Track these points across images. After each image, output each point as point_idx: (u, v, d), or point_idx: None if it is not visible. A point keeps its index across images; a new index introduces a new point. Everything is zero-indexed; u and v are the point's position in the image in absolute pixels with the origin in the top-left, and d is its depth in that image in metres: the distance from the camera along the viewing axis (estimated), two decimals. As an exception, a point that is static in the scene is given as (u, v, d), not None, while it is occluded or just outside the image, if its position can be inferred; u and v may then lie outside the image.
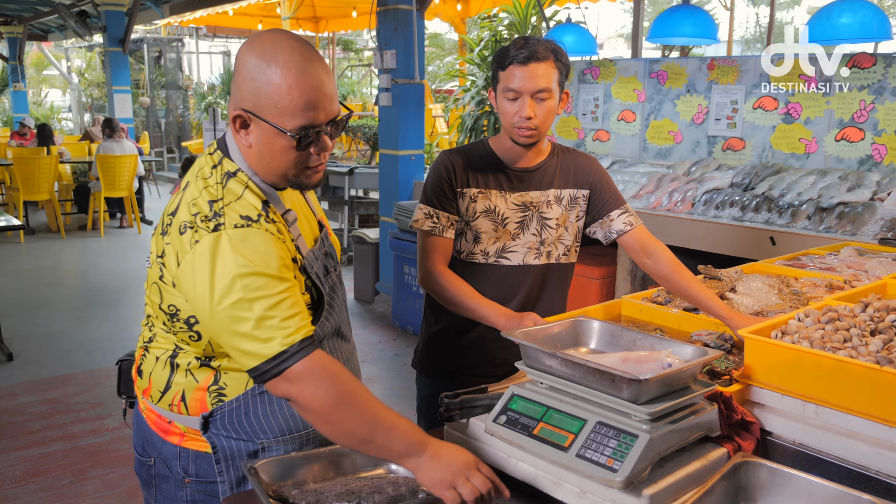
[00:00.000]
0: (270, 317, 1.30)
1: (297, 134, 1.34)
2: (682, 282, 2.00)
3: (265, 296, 1.30)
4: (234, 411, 1.48)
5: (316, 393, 1.30)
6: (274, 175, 1.42)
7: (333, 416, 1.31)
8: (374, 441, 1.32)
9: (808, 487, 1.30)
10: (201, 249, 1.32)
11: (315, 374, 1.31)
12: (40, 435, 3.92)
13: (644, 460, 1.25)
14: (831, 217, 3.64)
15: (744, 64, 4.55)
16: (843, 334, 1.51)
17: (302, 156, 1.38)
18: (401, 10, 5.63)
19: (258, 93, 1.33)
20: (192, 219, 1.35)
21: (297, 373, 1.30)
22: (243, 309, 1.29)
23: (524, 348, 1.49)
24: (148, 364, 1.54)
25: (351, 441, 1.34)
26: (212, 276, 1.30)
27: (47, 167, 9.11)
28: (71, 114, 21.43)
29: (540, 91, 1.94)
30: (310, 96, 1.33)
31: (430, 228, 2.06)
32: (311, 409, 1.32)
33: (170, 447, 1.54)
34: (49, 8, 12.44)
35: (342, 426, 1.32)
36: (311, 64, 1.33)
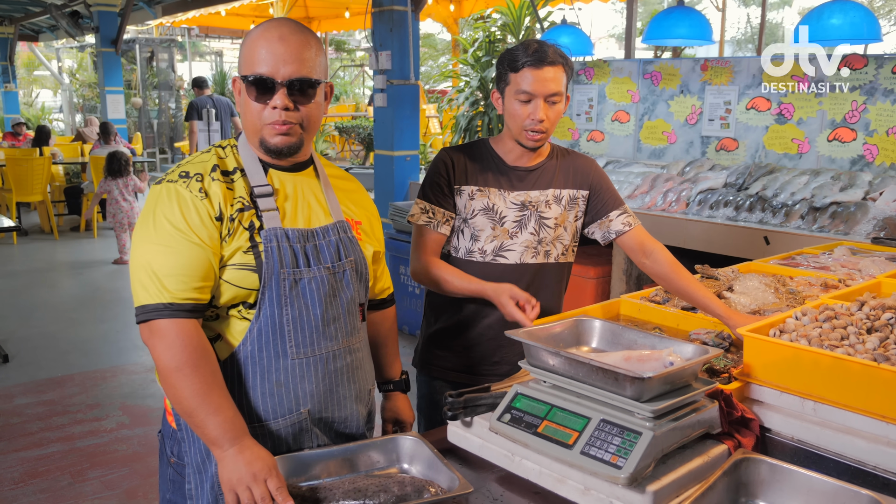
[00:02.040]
0: (158, 269, 1.43)
1: (249, 79, 1.49)
2: (680, 281, 2.03)
3: (161, 246, 1.44)
4: None
5: (164, 353, 1.41)
6: (251, 136, 1.57)
7: (169, 379, 1.41)
8: (194, 417, 1.41)
9: (807, 483, 1.32)
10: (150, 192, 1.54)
11: (170, 335, 1.41)
12: (38, 436, 3.92)
13: (648, 457, 1.27)
14: (824, 217, 3.68)
15: (737, 65, 4.59)
16: (841, 332, 1.54)
17: (259, 109, 1.51)
18: (396, 11, 5.65)
19: (239, 57, 1.56)
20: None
21: (158, 328, 1.41)
22: (142, 254, 1.45)
23: (528, 347, 1.51)
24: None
25: (179, 409, 1.44)
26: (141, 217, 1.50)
27: (40, 168, 9.08)
28: (62, 114, 21.33)
29: (553, 94, 1.98)
30: (267, 49, 1.49)
31: (425, 223, 2.09)
32: (157, 366, 1.44)
33: (166, 425, 1.63)
34: (40, 8, 12.40)
35: (174, 392, 1.42)
36: (280, 26, 1.52)
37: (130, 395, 4.48)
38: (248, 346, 1.50)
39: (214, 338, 1.52)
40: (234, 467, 1.37)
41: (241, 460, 1.37)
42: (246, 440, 1.40)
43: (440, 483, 1.40)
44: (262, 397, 1.51)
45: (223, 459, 1.38)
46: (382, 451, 1.50)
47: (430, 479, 1.42)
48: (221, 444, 1.39)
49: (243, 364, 1.50)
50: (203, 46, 21.88)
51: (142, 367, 4.93)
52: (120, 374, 4.82)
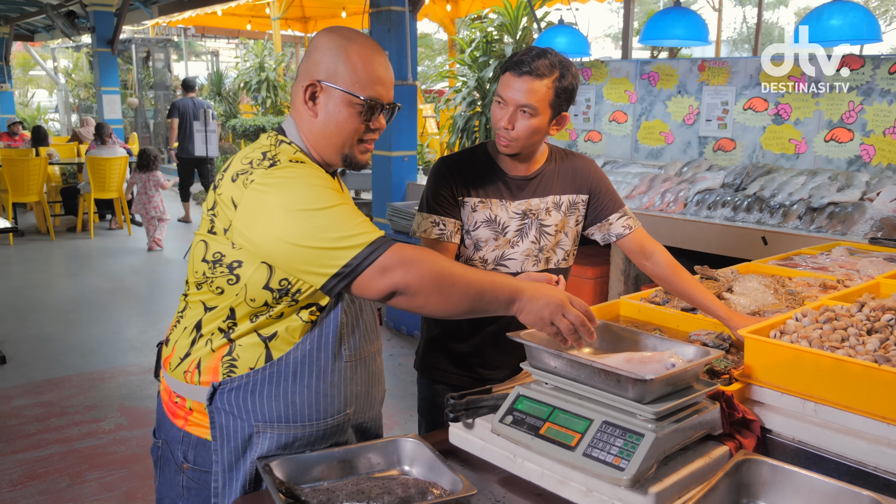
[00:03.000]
0: (350, 219, 1.38)
1: (367, 101, 1.51)
2: (680, 283, 2.03)
3: (337, 204, 1.38)
4: (241, 387, 1.51)
5: (422, 269, 1.36)
6: (332, 148, 1.55)
7: (445, 284, 1.37)
8: (483, 297, 1.41)
9: (808, 484, 1.33)
10: (260, 182, 1.41)
11: (409, 255, 1.36)
12: (36, 438, 3.91)
13: (650, 459, 1.28)
14: (822, 217, 3.69)
15: (734, 65, 4.60)
16: (841, 333, 1.54)
17: (361, 126, 1.54)
18: (393, 11, 5.65)
19: (336, 65, 1.51)
20: (246, 167, 1.46)
21: (392, 259, 1.35)
22: (321, 217, 1.36)
23: (529, 349, 1.51)
24: (176, 332, 1.61)
25: (464, 304, 1.40)
26: (279, 199, 1.38)
27: (36, 169, 9.06)
28: (58, 114, 21.28)
29: (525, 106, 1.91)
30: (379, 74, 1.53)
31: (438, 236, 2.05)
32: (424, 286, 1.36)
33: (175, 430, 1.59)
34: (36, 8, 12.37)
35: (455, 291, 1.38)
36: (381, 52, 1.56)
37: (129, 396, 4.47)
38: (307, 345, 1.52)
39: (271, 336, 1.52)
40: (537, 307, 1.43)
41: (539, 300, 1.43)
42: (523, 283, 1.45)
43: (442, 485, 1.40)
44: (315, 397, 1.54)
45: (522, 310, 1.43)
46: (383, 453, 1.50)
47: (433, 481, 1.42)
48: (515, 300, 1.43)
49: (300, 363, 1.52)
50: (199, 46, 21.85)
51: (139, 369, 4.92)
52: (118, 375, 4.81)
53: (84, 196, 9.37)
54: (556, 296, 1.43)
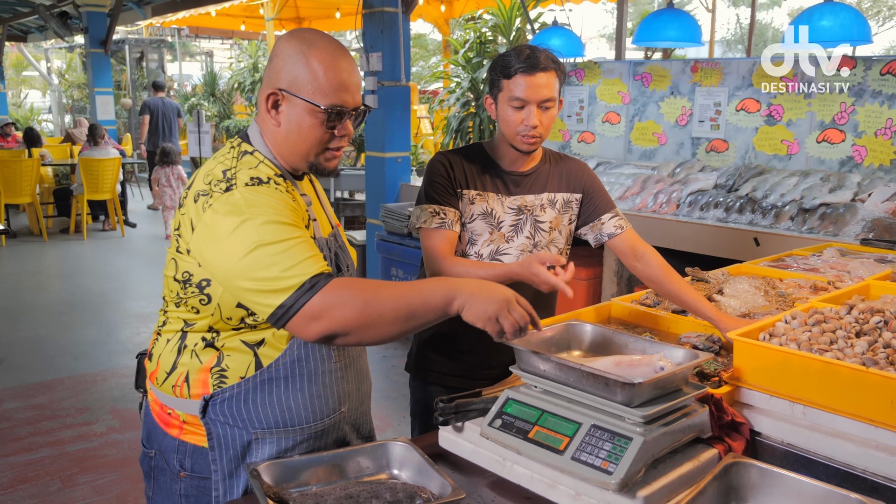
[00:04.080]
0: (287, 259, 1.35)
1: (329, 110, 1.48)
2: (671, 285, 2.03)
3: (280, 240, 1.36)
4: (233, 397, 1.50)
5: (344, 313, 1.33)
6: (296, 156, 1.53)
7: (371, 319, 1.34)
8: (416, 313, 1.37)
9: (797, 487, 1.33)
10: (215, 208, 1.39)
11: (333, 297, 1.33)
12: (27, 441, 3.89)
13: (638, 462, 1.27)
14: (814, 218, 3.69)
15: (727, 66, 4.61)
16: (830, 336, 1.54)
17: (326, 135, 1.51)
18: (387, 12, 5.64)
19: (297, 73, 1.48)
20: (207, 187, 1.44)
21: (317, 306, 1.33)
22: (260, 256, 1.35)
23: (518, 352, 1.51)
24: (158, 347, 1.59)
25: (397, 328, 1.37)
26: (227, 233, 1.37)
27: (29, 170, 9.02)
28: (51, 115, 21.20)
29: (546, 100, 1.98)
30: (342, 79, 1.49)
31: (439, 224, 2.05)
32: (350, 327, 1.34)
33: (169, 440, 1.57)
34: (29, 9, 12.32)
35: (384, 321, 1.35)
36: (344, 55, 1.52)
37: (121, 398, 4.46)
38: (296, 350, 1.52)
39: (259, 343, 1.51)
40: (481, 303, 1.37)
41: (482, 295, 1.38)
42: (459, 281, 1.41)
43: (431, 489, 1.39)
44: (309, 399, 1.55)
45: (465, 306, 1.38)
46: (372, 457, 1.50)
47: (421, 485, 1.41)
48: (452, 299, 1.38)
49: (290, 368, 1.53)
50: (193, 47, 21.80)
51: (131, 371, 4.88)
52: (110, 377, 4.79)
53: (77, 197, 9.34)
54: (502, 293, 1.39)
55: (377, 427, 4.09)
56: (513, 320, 1.38)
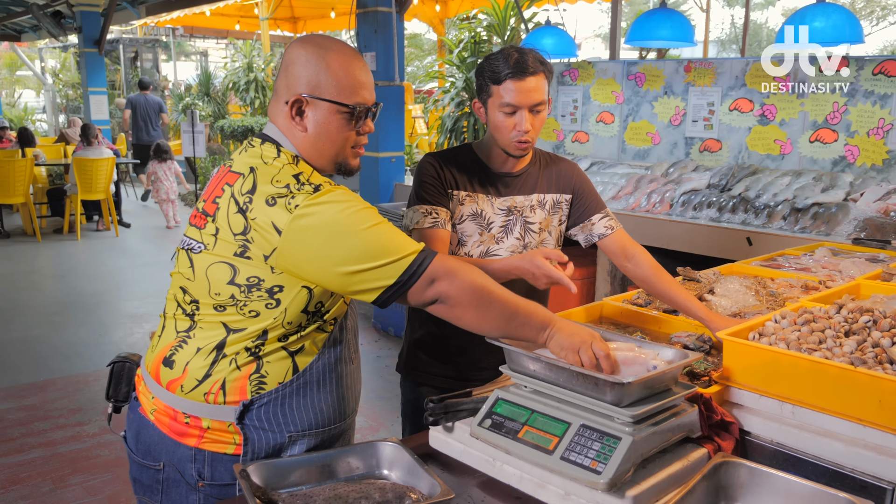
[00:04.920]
0: (393, 235, 1.44)
1: (356, 108, 1.53)
2: (661, 284, 2.03)
3: (379, 223, 1.44)
4: (272, 402, 1.53)
5: (464, 283, 1.43)
6: (325, 158, 1.58)
7: (483, 301, 1.44)
8: (516, 319, 1.46)
9: (786, 486, 1.33)
10: (305, 209, 1.41)
11: (452, 269, 1.44)
12: (19, 442, 3.88)
13: (627, 462, 1.27)
14: (806, 217, 3.70)
15: (720, 66, 4.62)
16: (819, 335, 1.55)
17: (352, 134, 1.57)
18: (380, 12, 5.64)
19: (319, 77, 1.51)
20: (283, 190, 1.43)
21: (437, 270, 1.43)
22: (369, 239, 1.41)
23: (508, 352, 1.51)
24: (184, 354, 1.54)
25: (497, 324, 1.47)
26: (329, 231, 1.41)
27: (22, 170, 8.99)
28: (45, 115, 21.13)
29: (537, 104, 1.98)
30: (361, 78, 1.55)
31: (431, 224, 2.03)
32: (462, 299, 1.44)
33: (184, 450, 1.54)
34: (22, 8, 12.28)
35: (492, 309, 1.45)
36: (358, 56, 1.57)
37: (113, 399, 4.44)
38: (326, 355, 1.59)
39: (298, 350, 1.55)
40: (565, 337, 1.45)
41: (570, 329, 1.46)
42: (556, 318, 1.50)
43: (421, 489, 1.39)
44: (337, 401, 1.63)
45: (552, 338, 1.46)
46: (362, 458, 1.50)
47: (411, 486, 1.41)
48: (545, 329, 1.47)
49: (322, 371, 1.58)
50: (188, 46, 21.76)
51: (125, 371, 4.88)
52: (102, 378, 4.75)
53: (71, 197, 9.31)
54: (585, 332, 1.46)
55: (371, 427, 4.10)
56: (591, 356, 1.41)
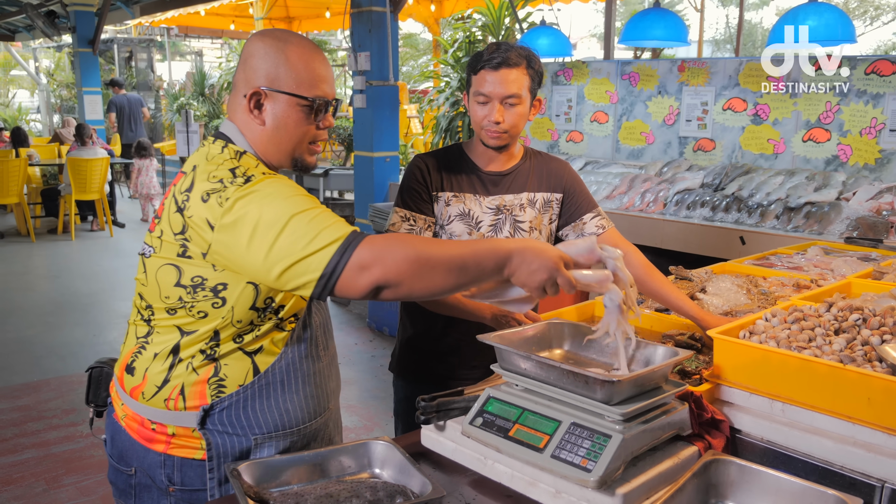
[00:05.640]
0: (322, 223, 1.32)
1: (316, 101, 1.50)
2: (653, 283, 2.04)
3: (309, 208, 1.34)
4: (233, 405, 1.50)
5: (397, 259, 1.28)
6: (282, 153, 1.54)
7: (425, 266, 1.30)
8: (468, 269, 1.33)
9: (776, 483, 1.33)
10: (234, 201, 1.35)
11: (382, 245, 1.30)
12: (12, 443, 3.87)
13: (617, 460, 1.28)
14: (799, 216, 3.72)
15: (713, 66, 4.63)
16: (809, 334, 1.55)
17: (311, 128, 1.53)
18: (374, 12, 5.64)
19: (277, 69, 1.48)
20: (217, 185, 1.38)
21: (363, 256, 1.28)
22: (295, 229, 1.31)
23: (499, 351, 1.51)
24: (143, 360, 1.53)
25: (451, 279, 1.32)
26: (257, 222, 1.33)
27: (16, 170, 8.97)
28: (39, 115, 21.07)
29: (509, 97, 1.97)
30: (321, 72, 1.51)
31: (407, 230, 2.08)
32: (404, 276, 1.29)
33: (153, 455, 1.53)
34: (16, 8, 12.24)
35: (438, 270, 1.31)
36: (318, 49, 1.54)
37: (107, 399, 4.44)
38: (290, 354, 1.54)
39: (257, 350, 1.51)
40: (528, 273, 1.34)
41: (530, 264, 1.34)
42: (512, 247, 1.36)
43: (412, 488, 1.39)
44: (305, 400, 1.58)
45: (514, 273, 1.35)
46: (353, 456, 1.50)
47: (402, 484, 1.41)
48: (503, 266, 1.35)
49: (286, 371, 1.54)
50: (183, 46, 21.72)
51: (119, 371, 4.87)
52: (97, 378, 4.77)
53: (65, 197, 9.29)
54: (551, 258, 1.35)
55: (365, 426, 4.10)
56: (556, 290, 1.35)
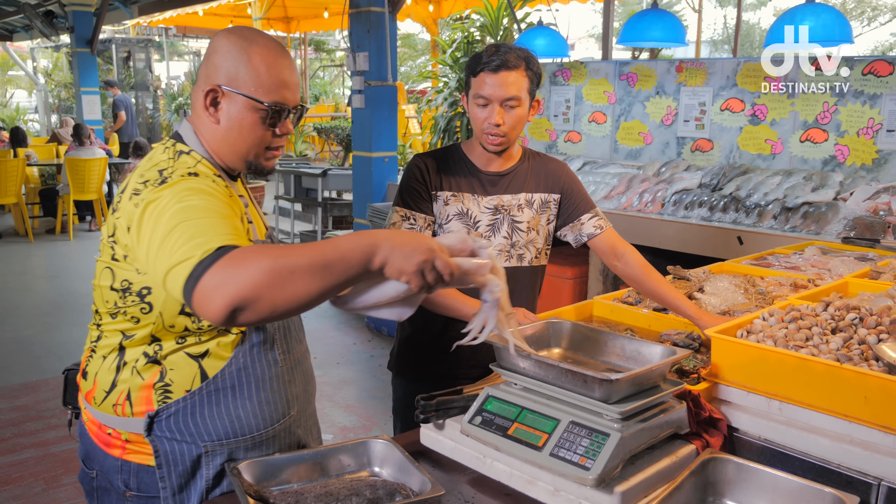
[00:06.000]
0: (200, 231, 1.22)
1: (272, 107, 1.45)
2: (651, 283, 2.05)
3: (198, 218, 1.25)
4: (180, 411, 1.45)
5: (249, 271, 1.12)
6: (235, 155, 1.49)
7: (279, 277, 1.13)
8: (333, 267, 1.17)
9: (773, 482, 1.34)
10: (148, 199, 1.31)
11: (236, 260, 1.14)
12: (11, 442, 3.87)
13: (616, 458, 1.29)
14: (796, 217, 3.73)
15: (711, 66, 4.64)
16: (806, 333, 1.56)
17: (267, 134, 1.48)
18: (373, 12, 5.64)
19: (237, 69, 1.44)
20: (141, 186, 1.36)
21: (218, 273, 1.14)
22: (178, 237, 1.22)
23: (498, 350, 1.52)
24: (94, 365, 1.52)
25: (315, 285, 1.16)
26: (156, 221, 1.27)
27: (14, 170, 8.96)
28: (37, 115, 21.04)
29: (509, 99, 1.98)
30: (284, 77, 1.46)
31: (407, 230, 2.08)
32: (257, 291, 1.12)
33: (111, 460, 1.51)
34: (14, 8, 12.23)
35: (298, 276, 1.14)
36: (285, 53, 1.49)
37: (106, 399, 4.44)
38: (241, 358, 1.48)
39: (203, 354, 1.46)
40: (403, 257, 1.21)
41: (406, 249, 1.21)
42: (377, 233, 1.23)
43: (412, 486, 1.40)
44: (258, 406, 1.51)
45: (387, 262, 1.20)
46: (353, 455, 1.50)
47: (402, 483, 1.42)
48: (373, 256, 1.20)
49: (237, 377, 1.48)
50: (181, 46, 21.70)
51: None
52: (95, 378, 4.77)
53: (63, 197, 9.28)
54: (425, 243, 1.23)
55: (364, 426, 4.10)
56: (435, 276, 1.23)
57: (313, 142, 13.64)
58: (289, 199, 8.30)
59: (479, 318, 1.35)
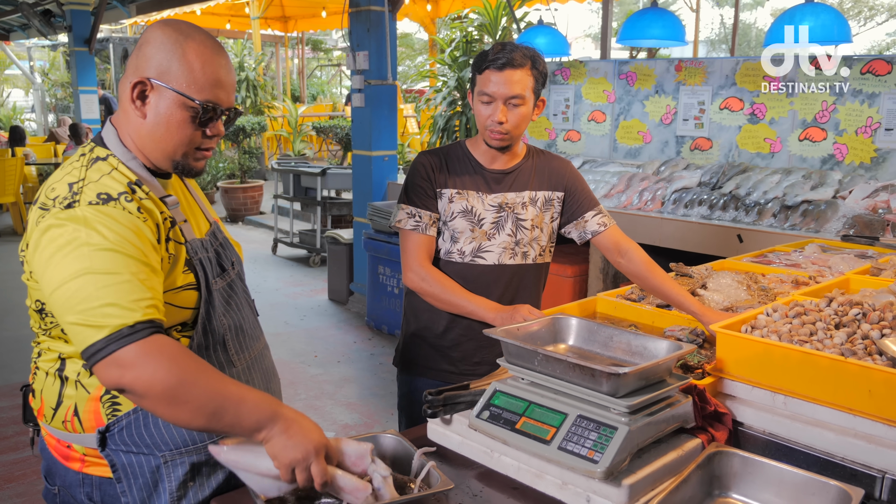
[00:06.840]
0: (112, 295, 1.22)
1: (204, 105, 1.38)
2: (655, 280, 2.06)
3: (111, 272, 1.24)
4: (132, 423, 1.41)
5: (154, 375, 1.19)
6: (161, 153, 1.42)
7: (177, 396, 1.20)
8: (223, 417, 1.24)
9: (778, 475, 1.36)
10: (50, 224, 1.27)
11: (151, 356, 1.20)
12: (13, 440, 3.87)
13: (623, 451, 1.30)
14: (796, 215, 3.75)
15: (710, 65, 4.66)
16: (810, 328, 1.58)
17: (196, 133, 1.41)
18: (373, 11, 5.65)
19: (169, 63, 1.37)
20: (49, 202, 1.30)
21: (128, 356, 1.19)
22: (85, 284, 1.22)
23: (506, 345, 1.53)
24: (38, 381, 1.47)
25: (197, 421, 1.24)
26: (56, 252, 1.25)
27: (13, 169, 8.95)
28: (34, 114, 21.01)
29: (513, 97, 1.99)
30: (219, 76, 1.40)
31: (413, 227, 2.10)
32: (150, 394, 1.20)
33: (72, 474, 1.47)
34: (11, 7, 12.21)
35: (188, 406, 1.21)
36: (223, 52, 1.43)
37: (107, 397, 4.44)
38: None
39: None
40: (286, 445, 1.26)
41: (292, 438, 1.26)
42: (284, 412, 1.29)
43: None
44: None
45: (270, 440, 1.27)
46: (363, 450, 1.51)
47: (410, 477, 1.43)
48: (263, 428, 1.26)
49: None
50: (178, 45, 21.63)
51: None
52: (96, 376, 4.77)
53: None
54: (313, 441, 1.27)
55: (365, 424, 4.11)
56: (306, 477, 1.26)
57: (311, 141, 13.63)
58: (288, 199, 8.31)
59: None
